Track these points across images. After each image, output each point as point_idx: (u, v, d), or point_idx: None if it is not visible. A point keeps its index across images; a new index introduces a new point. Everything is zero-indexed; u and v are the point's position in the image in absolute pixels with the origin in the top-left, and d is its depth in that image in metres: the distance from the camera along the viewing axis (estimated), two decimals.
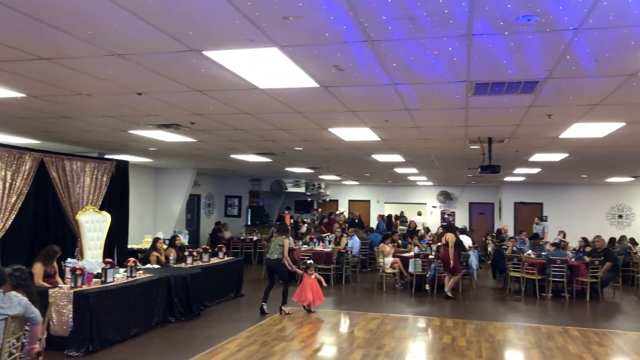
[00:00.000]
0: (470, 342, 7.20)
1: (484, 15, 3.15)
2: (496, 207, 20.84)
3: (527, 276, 11.22)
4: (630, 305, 10.60)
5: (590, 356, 6.63)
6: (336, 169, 14.77)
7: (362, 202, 22.52)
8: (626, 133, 7.14)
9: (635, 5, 2.94)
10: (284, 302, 8.72)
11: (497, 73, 4.41)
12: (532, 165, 11.91)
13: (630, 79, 4.46)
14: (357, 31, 3.49)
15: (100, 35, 3.72)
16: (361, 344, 7.00)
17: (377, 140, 8.39)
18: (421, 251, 11.75)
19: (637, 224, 18.08)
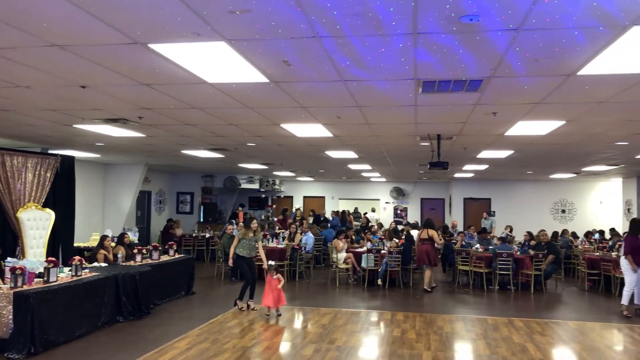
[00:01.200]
0: (419, 335, 7.35)
1: (428, 14, 3.21)
2: (447, 202, 21.36)
3: (475, 269, 11.55)
4: (571, 296, 11.09)
5: (532, 345, 6.89)
6: (290, 165, 14.75)
7: (317, 198, 22.61)
8: (566, 131, 7.46)
9: (570, 7, 3.07)
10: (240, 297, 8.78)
11: (443, 71, 4.51)
12: (480, 162, 12.26)
13: (568, 79, 4.65)
14: (305, 27, 3.49)
15: (37, 25, 3.57)
16: (313, 339, 7.03)
17: (329, 137, 8.44)
18: (374, 246, 11.90)
19: (579, 219, 18.94)
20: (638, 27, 3.34)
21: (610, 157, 10.80)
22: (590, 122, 6.76)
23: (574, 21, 3.28)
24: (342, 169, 15.47)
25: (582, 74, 4.48)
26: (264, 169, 16.10)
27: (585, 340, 7.27)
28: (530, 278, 11.25)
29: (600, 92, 5.16)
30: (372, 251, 11.38)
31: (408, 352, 6.53)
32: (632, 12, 3.12)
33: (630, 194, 16.40)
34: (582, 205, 19.19)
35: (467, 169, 14.64)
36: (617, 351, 6.80)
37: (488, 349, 6.74)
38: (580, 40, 3.64)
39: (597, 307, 9.77)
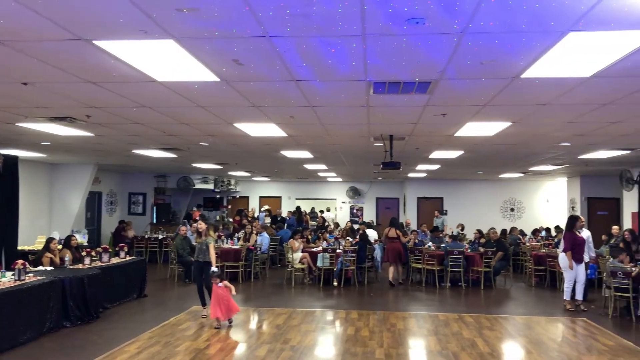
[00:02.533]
0: (373, 333, 7.44)
1: (376, 16, 3.26)
2: (401, 201, 21.71)
3: (427, 267, 11.79)
4: (519, 291, 11.48)
5: (481, 340, 7.10)
6: (245, 165, 14.65)
7: (274, 198, 22.54)
8: (513, 132, 7.71)
9: (512, 12, 3.18)
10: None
11: (393, 73, 4.58)
12: (432, 162, 12.53)
13: (512, 81, 4.82)
14: (254, 26, 3.48)
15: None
16: (267, 340, 7.01)
17: (284, 136, 8.43)
18: (329, 246, 11.96)
19: (527, 217, 19.62)
20: (574, 33, 3.49)
21: (555, 157, 11.24)
22: (535, 123, 7.01)
23: (516, 26, 3.40)
24: (298, 169, 15.48)
25: (525, 77, 4.65)
26: (219, 169, 15.92)
27: (531, 334, 7.54)
28: (480, 275, 11.58)
29: (543, 94, 5.36)
30: (327, 250, 11.44)
31: (361, 349, 6.60)
32: (568, 19, 3.26)
33: (574, 193, 17.13)
34: (530, 204, 19.89)
35: (420, 169, 14.92)
36: (560, 343, 7.09)
37: (439, 344, 6.89)
38: (522, 45, 3.78)
39: (543, 302, 10.15)
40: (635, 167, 12.85)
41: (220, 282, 7.60)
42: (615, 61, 4.13)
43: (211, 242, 8.09)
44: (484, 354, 6.45)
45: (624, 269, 8.49)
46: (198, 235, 8.28)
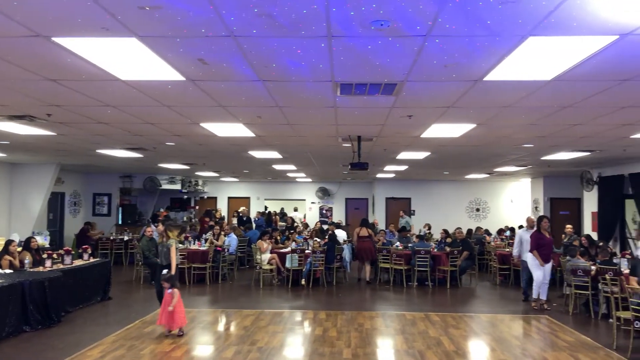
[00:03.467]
0: (340, 333, 7.47)
1: (340, 17, 3.27)
2: (370, 202, 21.86)
3: (395, 267, 11.90)
4: (484, 290, 11.70)
5: (447, 339, 7.21)
6: (213, 165, 14.50)
7: (242, 199, 22.38)
8: (477, 134, 7.86)
9: (473, 16, 3.24)
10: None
11: (359, 74, 4.61)
12: (400, 162, 12.65)
13: (476, 84, 4.91)
14: (219, 25, 3.44)
15: None
16: (234, 342, 6.96)
17: (252, 137, 8.38)
18: (298, 246, 11.95)
19: (492, 217, 20.02)
20: (534, 37, 3.58)
21: (519, 158, 11.50)
22: (498, 125, 7.16)
23: (478, 30, 3.47)
24: (266, 169, 15.41)
25: (488, 80, 4.74)
26: (186, 169, 15.72)
27: (495, 332, 7.70)
28: (447, 274, 11.76)
29: (506, 97, 5.48)
30: (296, 251, 11.42)
31: (329, 350, 6.62)
32: (528, 24, 3.34)
33: (537, 193, 17.57)
34: (495, 204, 20.30)
35: (388, 170, 15.06)
36: (523, 340, 7.25)
37: (405, 343, 6.97)
38: (483, 48, 3.85)
39: (507, 300, 10.36)
40: (595, 168, 13.26)
41: (169, 289, 7.08)
42: (574, 65, 4.25)
43: (173, 245, 7.65)
44: (449, 352, 6.55)
45: (584, 267, 8.75)
46: (161, 238, 7.99)
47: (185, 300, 9.81)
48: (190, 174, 18.34)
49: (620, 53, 3.90)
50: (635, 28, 3.38)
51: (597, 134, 7.73)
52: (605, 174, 12.80)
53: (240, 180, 21.49)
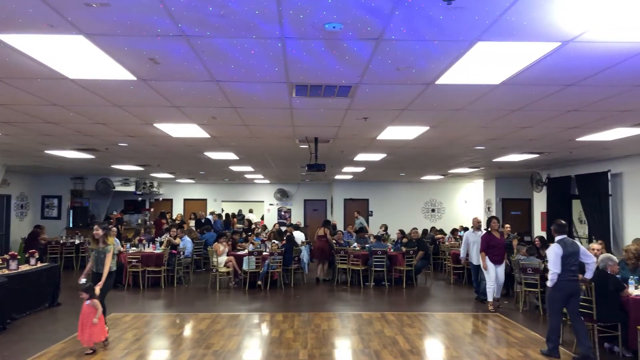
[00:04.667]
0: (297, 334, 7.47)
1: (293, 19, 3.27)
2: (329, 203, 21.95)
3: (353, 267, 12.00)
4: (439, 289, 11.94)
5: (402, 338, 7.32)
6: (168, 167, 14.22)
7: (199, 200, 22.05)
8: (431, 136, 8.01)
9: (424, 21, 3.30)
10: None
11: (314, 76, 4.62)
12: (357, 164, 12.76)
13: (428, 87, 5.00)
14: (170, 25, 3.39)
15: None
16: (189, 345, 6.85)
17: (207, 137, 8.27)
18: (255, 249, 11.87)
19: (447, 217, 20.44)
20: (482, 42, 3.68)
21: (472, 160, 11.79)
22: (451, 127, 7.32)
23: (428, 34, 3.54)
24: (223, 171, 15.24)
25: (440, 83, 4.84)
26: (140, 171, 15.35)
27: (448, 330, 7.87)
28: (403, 273, 11.94)
29: (457, 100, 5.61)
30: (253, 254, 11.34)
31: (285, 351, 6.61)
32: (476, 29, 3.43)
33: (490, 194, 18.06)
34: (450, 205, 20.74)
35: (346, 171, 15.15)
36: (475, 338, 7.44)
37: (362, 343, 7.03)
38: (434, 53, 3.93)
39: (461, 298, 10.61)
40: (544, 170, 13.75)
41: (88, 300, 6.38)
42: (520, 70, 4.39)
43: (111, 251, 6.95)
44: (404, 351, 6.65)
45: (533, 265, 9.05)
46: (94, 242, 7.05)
47: (140, 305, 9.64)
48: (145, 176, 17.93)
49: (563, 59, 4.06)
50: (576, 36, 3.52)
51: (545, 136, 8.01)
52: (554, 175, 13.29)
53: (196, 181, 21.15)
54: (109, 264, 6.94)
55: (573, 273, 6.34)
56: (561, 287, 6.35)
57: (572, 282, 6.35)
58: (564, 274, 6.31)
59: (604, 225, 10.78)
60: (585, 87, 4.91)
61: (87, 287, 6.52)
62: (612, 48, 3.79)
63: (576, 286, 6.39)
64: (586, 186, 11.59)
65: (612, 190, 10.75)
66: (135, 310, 9.05)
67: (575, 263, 6.36)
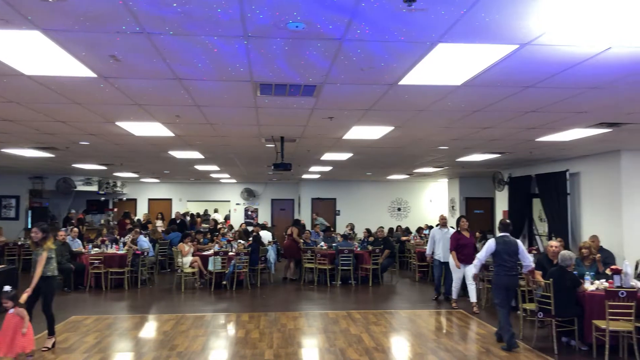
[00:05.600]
0: (263, 334, 7.45)
1: (256, 18, 3.26)
2: (296, 203, 21.94)
3: (319, 266, 12.03)
4: (405, 287, 12.09)
5: (367, 336, 7.38)
6: (132, 166, 13.96)
7: (164, 200, 21.70)
8: (396, 136, 8.10)
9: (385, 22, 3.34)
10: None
11: (278, 75, 4.62)
12: (324, 163, 12.80)
13: (391, 88, 5.06)
14: (130, 21, 3.33)
15: None
16: (153, 347, 6.75)
17: (171, 136, 8.16)
18: (221, 249, 11.78)
19: (413, 216, 20.70)
20: (443, 44, 3.75)
21: (436, 160, 11.98)
22: (415, 128, 7.42)
23: (390, 35, 3.58)
24: (188, 170, 15.05)
25: (403, 84, 4.90)
26: (103, 170, 15.02)
27: (413, 327, 7.98)
28: (369, 272, 12.04)
29: (420, 101, 5.69)
30: (219, 254, 11.25)
31: (250, 352, 6.59)
32: (436, 31, 3.50)
33: (454, 193, 18.39)
34: (415, 204, 21.02)
35: (313, 171, 15.18)
36: (438, 334, 7.57)
37: (327, 342, 7.06)
38: (397, 53, 3.98)
39: (425, 296, 10.76)
40: (506, 170, 14.09)
41: (12, 309, 5.80)
42: (481, 72, 4.49)
43: (43, 254, 6.37)
44: (369, 349, 6.72)
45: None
46: (33, 245, 6.52)
47: (102, 307, 9.43)
48: (108, 175, 17.55)
49: (521, 61, 4.17)
50: (533, 39, 3.63)
51: (506, 137, 8.21)
52: (515, 174, 13.63)
53: (161, 181, 20.82)
54: (40, 268, 6.33)
55: (508, 269, 6.89)
56: (497, 280, 7.01)
57: (508, 277, 6.90)
58: (499, 269, 6.96)
59: (563, 223, 11.12)
60: (543, 89, 5.05)
61: (12, 294, 5.89)
62: (567, 52, 3.92)
63: (513, 281, 6.95)
64: (546, 185, 11.93)
65: (570, 189, 11.09)
66: (96, 312, 8.85)
67: (511, 260, 6.92)
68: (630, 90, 5.15)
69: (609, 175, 9.99)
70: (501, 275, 6.92)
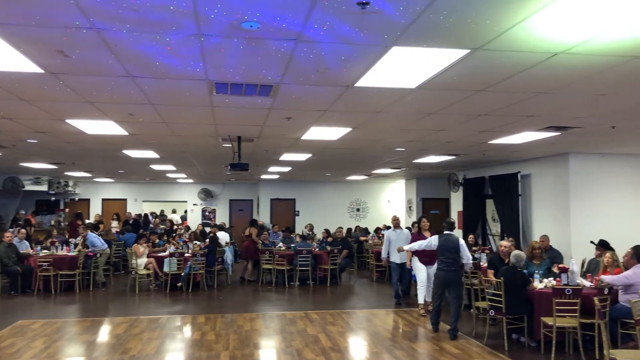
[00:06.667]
0: (219, 336, 7.36)
1: (210, 17, 3.22)
2: (255, 203, 21.80)
3: (278, 267, 11.99)
4: (362, 286, 12.20)
5: (324, 336, 7.41)
6: (84, 165, 13.53)
7: (118, 200, 21.14)
8: (354, 137, 8.16)
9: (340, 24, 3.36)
10: None
11: (234, 75, 4.58)
12: (283, 164, 12.76)
13: (348, 89, 5.10)
14: (79, 16, 3.23)
15: None
16: (104, 351, 6.57)
17: (125, 135, 7.96)
18: (176, 250, 11.57)
19: (371, 216, 20.90)
20: (397, 47, 3.80)
21: (393, 161, 12.14)
22: (372, 129, 7.50)
23: (345, 37, 3.60)
24: (144, 170, 14.71)
25: (359, 86, 4.94)
26: (54, 169, 14.50)
27: (369, 326, 8.06)
28: (327, 272, 12.09)
29: (377, 102, 5.75)
30: (175, 255, 11.05)
31: (206, 354, 6.50)
32: (391, 34, 3.54)
33: (411, 194, 18.69)
34: (374, 204, 21.23)
35: (272, 171, 15.12)
36: (394, 333, 7.68)
37: (284, 342, 7.05)
38: (352, 55, 4.01)
39: (383, 295, 10.89)
40: (460, 171, 14.42)
41: None
42: (434, 75, 4.58)
43: None
44: (325, 349, 6.74)
45: None
46: None
47: (51, 311, 9.12)
48: (59, 174, 16.97)
49: (473, 65, 4.28)
50: (484, 43, 3.72)
51: (460, 139, 8.40)
52: (469, 176, 13.96)
53: (115, 180, 20.27)
54: None
55: (447, 265, 7.42)
56: (437, 275, 7.63)
57: (446, 272, 7.43)
58: (440, 264, 7.55)
59: (514, 223, 11.47)
60: (494, 93, 5.20)
61: None
62: (516, 57, 4.04)
63: (450, 276, 7.42)
64: (498, 186, 12.27)
65: (521, 191, 11.44)
66: (45, 316, 8.55)
67: (451, 257, 7.43)
68: (575, 96, 5.36)
69: (558, 177, 10.37)
70: (441, 270, 7.48)
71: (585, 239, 9.21)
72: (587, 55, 3.97)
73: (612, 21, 3.29)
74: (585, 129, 7.33)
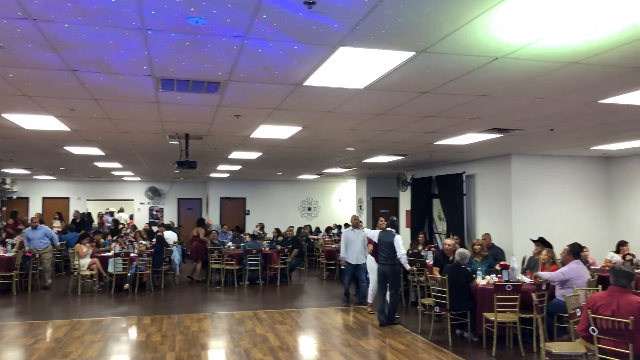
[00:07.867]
0: (165, 337, 7.22)
1: (153, 11, 3.15)
2: (204, 202, 21.47)
3: (227, 267, 11.86)
4: (312, 285, 12.24)
5: (272, 335, 7.39)
6: (23, 162, 12.93)
7: (60, 199, 20.32)
8: (304, 136, 8.17)
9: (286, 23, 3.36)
10: None
11: (180, 71, 4.49)
12: (233, 162, 12.63)
13: (297, 88, 5.10)
14: (14, 6, 3.09)
15: None
16: (43, 355, 6.32)
17: (66, 131, 7.67)
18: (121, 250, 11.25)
19: (322, 215, 21.02)
20: (344, 47, 3.84)
21: (344, 160, 12.24)
22: (323, 128, 7.53)
23: (292, 36, 3.60)
24: (88, 167, 14.21)
25: (308, 85, 4.95)
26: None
27: (318, 324, 8.11)
28: (277, 272, 12.06)
29: (326, 102, 5.78)
30: (120, 255, 10.73)
31: (151, 355, 6.37)
32: (337, 34, 3.57)
33: (361, 193, 18.91)
34: (325, 203, 21.36)
35: (222, 169, 14.93)
36: (343, 331, 7.74)
37: (232, 342, 6.99)
38: (300, 54, 4.02)
39: (332, 293, 10.97)
40: (409, 171, 14.71)
41: None
42: (381, 76, 4.65)
43: None
44: (274, 348, 6.73)
45: None
46: None
47: None
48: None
49: (418, 67, 4.37)
50: (429, 46, 3.81)
51: (408, 139, 8.56)
52: (417, 176, 14.26)
53: (57, 178, 19.47)
54: None
55: (384, 259, 7.97)
56: (377, 268, 8.23)
57: (382, 265, 7.99)
58: (379, 258, 8.10)
59: (459, 222, 11.80)
60: (439, 95, 5.33)
61: None
62: (459, 60, 4.16)
63: (386, 269, 7.93)
64: (444, 186, 12.60)
65: (466, 190, 11.79)
66: None
67: (387, 251, 7.91)
68: (516, 99, 5.57)
69: (501, 177, 10.75)
70: (380, 263, 8.10)
71: (525, 236, 9.59)
72: (526, 60, 4.14)
73: (549, 29, 3.44)
74: (526, 131, 7.64)
